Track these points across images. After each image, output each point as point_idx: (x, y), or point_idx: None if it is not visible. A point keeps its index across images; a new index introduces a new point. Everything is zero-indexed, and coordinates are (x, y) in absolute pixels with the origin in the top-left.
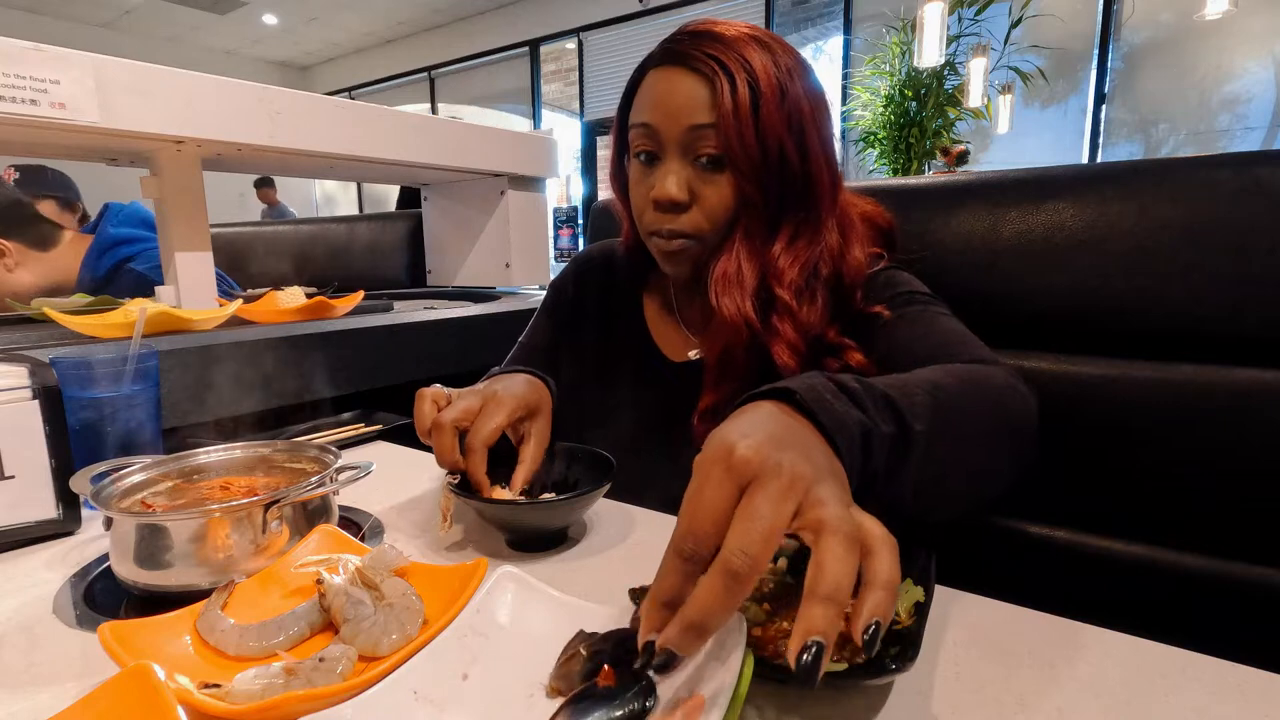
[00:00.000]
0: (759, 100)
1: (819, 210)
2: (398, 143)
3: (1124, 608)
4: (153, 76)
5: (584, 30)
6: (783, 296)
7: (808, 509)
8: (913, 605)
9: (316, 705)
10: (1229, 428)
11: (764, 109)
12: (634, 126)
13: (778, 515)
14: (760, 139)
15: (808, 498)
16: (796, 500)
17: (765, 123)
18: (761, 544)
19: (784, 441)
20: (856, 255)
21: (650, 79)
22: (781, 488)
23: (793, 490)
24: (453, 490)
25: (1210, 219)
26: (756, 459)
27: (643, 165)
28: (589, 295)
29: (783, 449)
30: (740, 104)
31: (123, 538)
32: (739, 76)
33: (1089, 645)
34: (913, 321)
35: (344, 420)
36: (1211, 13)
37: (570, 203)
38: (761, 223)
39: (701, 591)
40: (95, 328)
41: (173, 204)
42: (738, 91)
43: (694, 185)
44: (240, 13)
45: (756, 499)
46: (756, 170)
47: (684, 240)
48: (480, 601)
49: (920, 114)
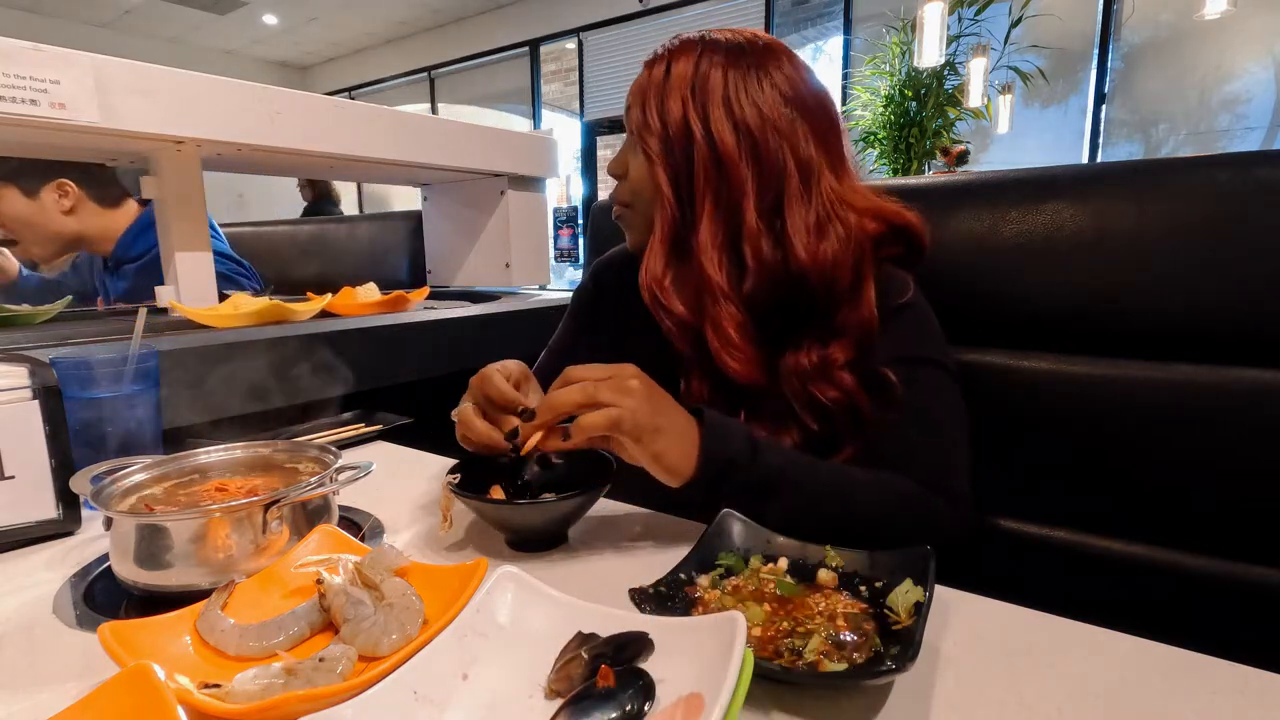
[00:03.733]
0: (667, 82)
1: (738, 193)
2: (398, 143)
3: (1124, 608)
4: (153, 76)
5: (584, 30)
6: (709, 274)
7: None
8: (913, 605)
9: (316, 705)
10: (1229, 428)
11: (670, 88)
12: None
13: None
14: (661, 112)
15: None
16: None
17: (665, 104)
18: (575, 395)
19: (650, 384)
20: (824, 250)
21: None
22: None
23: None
24: (453, 490)
25: (1210, 219)
26: (631, 371)
27: None
28: (606, 297)
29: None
30: (653, 81)
31: (123, 538)
32: (660, 63)
33: (1089, 645)
34: (903, 405)
35: (344, 420)
36: (1211, 13)
37: (570, 203)
38: (673, 210)
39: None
40: (209, 318)
41: (173, 204)
42: (653, 72)
43: (629, 160)
44: (240, 13)
45: (599, 389)
46: (657, 140)
47: (621, 207)
48: (480, 601)
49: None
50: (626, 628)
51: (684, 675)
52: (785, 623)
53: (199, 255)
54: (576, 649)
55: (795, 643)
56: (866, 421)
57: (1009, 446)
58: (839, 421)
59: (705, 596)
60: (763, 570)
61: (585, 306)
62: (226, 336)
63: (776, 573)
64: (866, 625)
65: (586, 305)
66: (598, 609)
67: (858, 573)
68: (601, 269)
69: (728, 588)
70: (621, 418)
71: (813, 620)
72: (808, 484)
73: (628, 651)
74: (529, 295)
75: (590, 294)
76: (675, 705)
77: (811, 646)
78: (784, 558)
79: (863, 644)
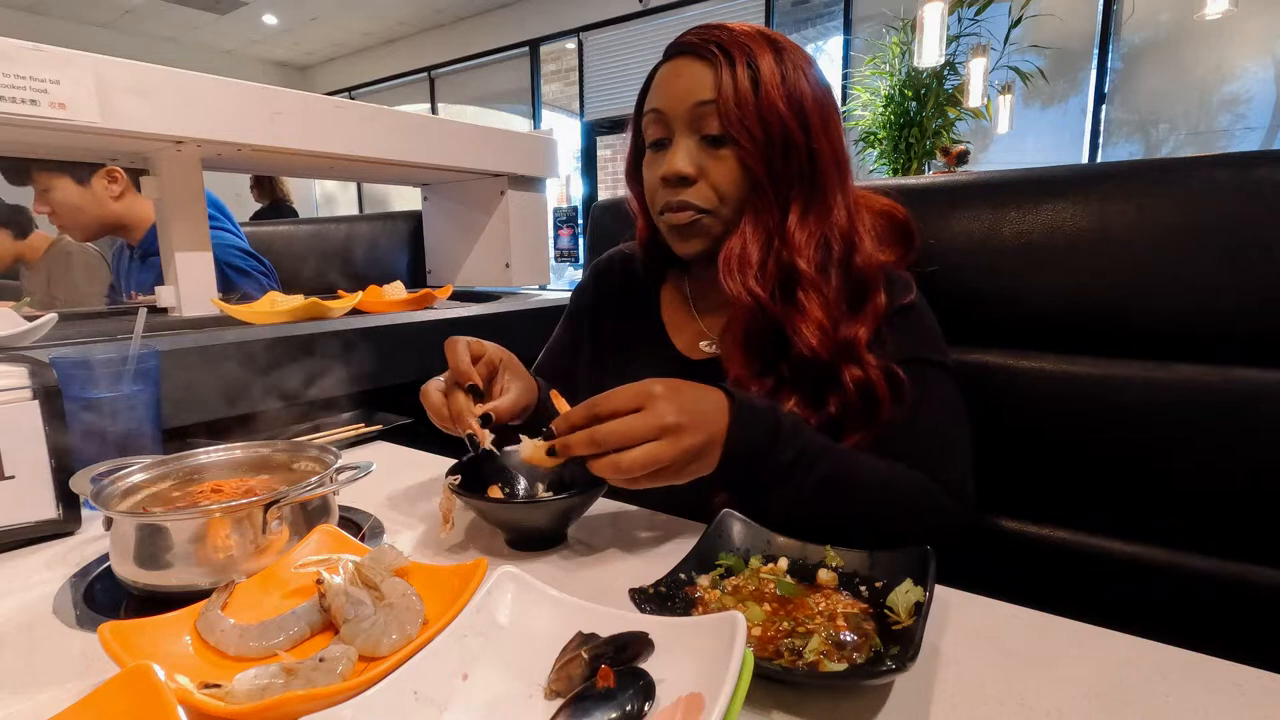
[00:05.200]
0: (758, 81)
1: (826, 188)
2: (398, 143)
3: (1124, 608)
4: (153, 76)
5: (584, 30)
6: (802, 267)
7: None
8: (913, 605)
9: (316, 705)
10: (1229, 428)
11: (763, 89)
12: (645, 115)
13: (638, 434)
14: (761, 115)
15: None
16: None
17: (765, 102)
18: (618, 440)
19: (694, 411)
20: (868, 243)
21: (659, 73)
22: (656, 429)
23: (663, 432)
24: (453, 490)
25: (1210, 219)
26: (670, 409)
27: (653, 153)
28: (607, 297)
29: (687, 415)
30: (740, 83)
31: (123, 538)
32: (739, 60)
33: (1089, 645)
34: (910, 405)
35: (344, 420)
36: (1211, 13)
37: (570, 203)
38: (769, 201)
39: (578, 437)
40: (247, 314)
41: (173, 204)
42: (737, 73)
43: (701, 161)
44: (240, 13)
45: (637, 423)
46: (759, 147)
47: (692, 212)
48: (480, 601)
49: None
50: (626, 628)
51: (684, 675)
52: (785, 623)
53: (199, 255)
54: (576, 649)
55: (795, 643)
56: (880, 411)
57: (1009, 446)
58: (853, 406)
59: (705, 596)
60: (763, 570)
61: (585, 308)
62: (226, 336)
63: (776, 573)
64: (866, 625)
65: (586, 307)
66: (598, 609)
67: (858, 573)
68: (603, 268)
69: (728, 588)
70: (662, 464)
71: (813, 620)
72: (824, 470)
73: (628, 651)
74: (529, 295)
75: (591, 295)
76: (675, 705)
77: (811, 646)
78: (784, 558)
79: (863, 644)
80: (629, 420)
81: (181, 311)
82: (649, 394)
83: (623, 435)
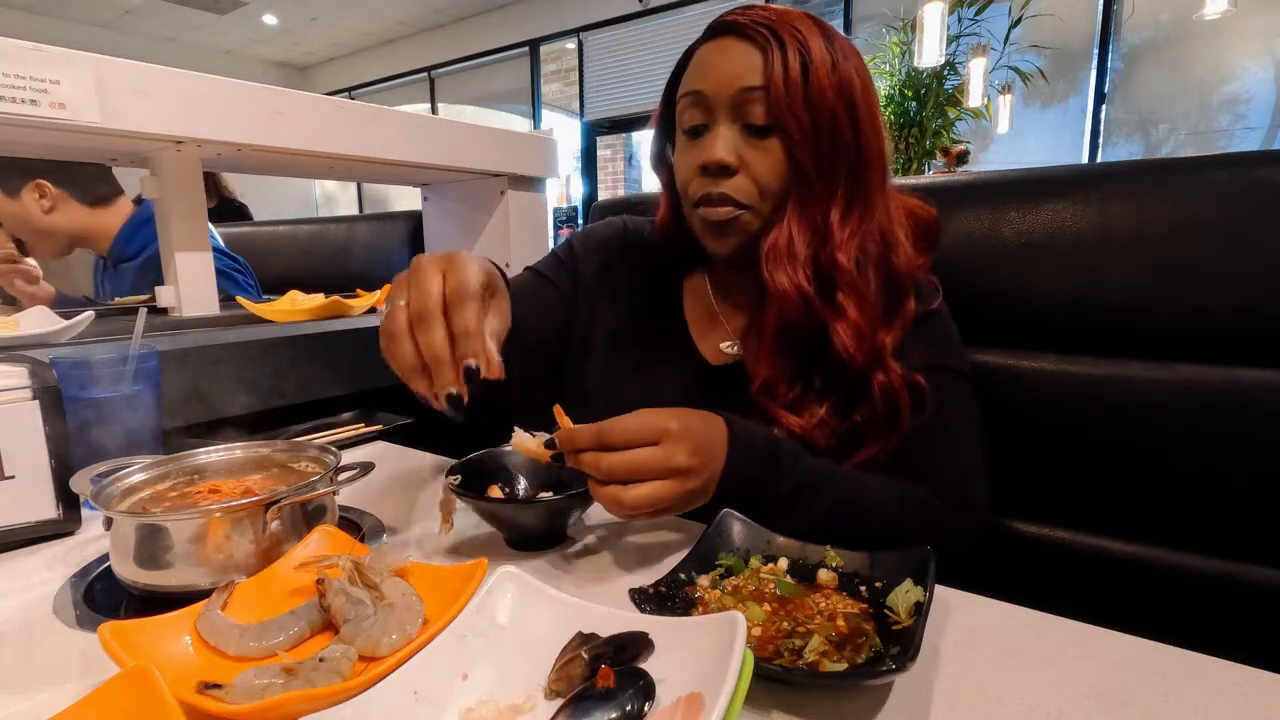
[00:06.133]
0: (809, 67)
1: (870, 185)
2: (398, 143)
3: (1124, 608)
4: (153, 76)
5: (584, 30)
6: (844, 265)
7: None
8: (913, 605)
9: (316, 705)
10: (1229, 428)
11: (814, 76)
12: (683, 98)
13: (647, 471)
14: (810, 105)
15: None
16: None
17: (815, 89)
18: (625, 473)
19: (704, 452)
20: (906, 245)
21: (700, 52)
22: (666, 470)
23: (673, 474)
24: (453, 490)
25: (1210, 219)
26: (684, 450)
27: (689, 140)
28: (621, 277)
29: (698, 458)
30: (790, 69)
31: (123, 538)
32: (790, 44)
33: (1089, 645)
34: (928, 414)
35: (344, 420)
36: (1211, 12)
37: (570, 203)
38: (815, 195)
39: (587, 460)
40: (268, 312)
41: (173, 204)
42: (788, 57)
43: (743, 151)
44: (240, 13)
45: (648, 459)
46: (807, 137)
47: (731, 207)
48: (480, 601)
49: (920, 114)
50: (626, 628)
51: (684, 675)
52: (785, 623)
53: (199, 255)
54: (576, 649)
55: (795, 643)
56: (900, 420)
57: (1009, 446)
58: (876, 415)
59: (705, 596)
60: (763, 570)
61: (588, 284)
62: (226, 337)
63: (776, 573)
64: (866, 625)
65: (589, 283)
66: (598, 609)
67: (858, 573)
68: (610, 245)
69: (728, 588)
70: (665, 505)
71: (813, 620)
72: (827, 502)
73: (628, 651)
74: None
75: (595, 272)
76: (675, 705)
77: (811, 646)
78: (784, 558)
79: (863, 644)
80: (640, 454)
81: (181, 311)
82: (665, 430)
83: (632, 470)
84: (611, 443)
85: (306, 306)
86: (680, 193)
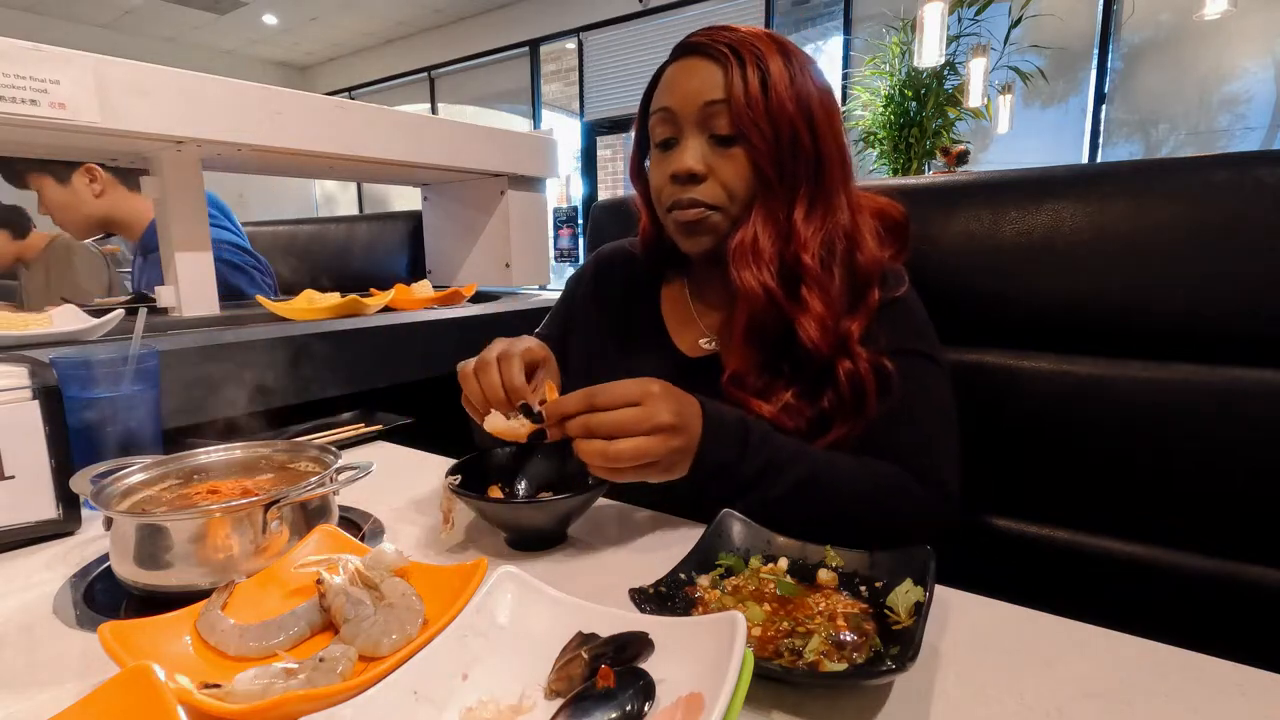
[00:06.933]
0: (768, 81)
1: (830, 187)
2: (398, 143)
3: (1124, 608)
4: (153, 76)
5: (584, 30)
6: (808, 262)
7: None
8: (913, 605)
9: (316, 705)
10: (1229, 428)
11: (773, 89)
12: (653, 114)
13: (633, 427)
14: (770, 115)
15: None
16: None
17: (775, 101)
18: (611, 428)
19: (684, 415)
20: (870, 242)
21: (669, 72)
22: (651, 426)
23: (657, 429)
24: (453, 490)
25: (1210, 219)
26: (667, 409)
27: (661, 152)
28: (609, 291)
29: (679, 418)
30: (750, 83)
31: (123, 538)
32: (749, 61)
33: (1089, 645)
34: (895, 397)
35: (344, 420)
36: (1211, 12)
37: (570, 203)
38: (778, 199)
39: (575, 422)
40: (286, 311)
41: (173, 204)
42: (747, 73)
43: (710, 160)
44: (240, 13)
45: (633, 415)
46: (769, 145)
47: (702, 209)
48: (480, 601)
49: (920, 114)
50: (626, 628)
51: (684, 675)
52: (785, 623)
53: (199, 255)
54: (576, 649)
55: (795, 643)
56: (867, 404)
57: (1008, 446)
58: (843, 399)
59: (705, 596)
60: (763, 570)
61: (584, 296)
62: (226, 337)
63: (776, 573)
64: (866, 625)
65: (585, 295)
66: (598, 609)
67: (858, 573)
68: (605, 261)
69: (728, 588)
70: (651, 460)
71: (813, 620)
72: (792, 478)
73: (628, 651)
74: (529, 295)
75: (590, 283)
76: (675, 705)
77: (811, 646)
78: (784, 558)
79: (863, 644)
80: (626, 413)
81: (181, 311)
82: (648, 391)
83: (618, 425)
84: (599, 404)
85: (324, 305)
86: (655, 201)
